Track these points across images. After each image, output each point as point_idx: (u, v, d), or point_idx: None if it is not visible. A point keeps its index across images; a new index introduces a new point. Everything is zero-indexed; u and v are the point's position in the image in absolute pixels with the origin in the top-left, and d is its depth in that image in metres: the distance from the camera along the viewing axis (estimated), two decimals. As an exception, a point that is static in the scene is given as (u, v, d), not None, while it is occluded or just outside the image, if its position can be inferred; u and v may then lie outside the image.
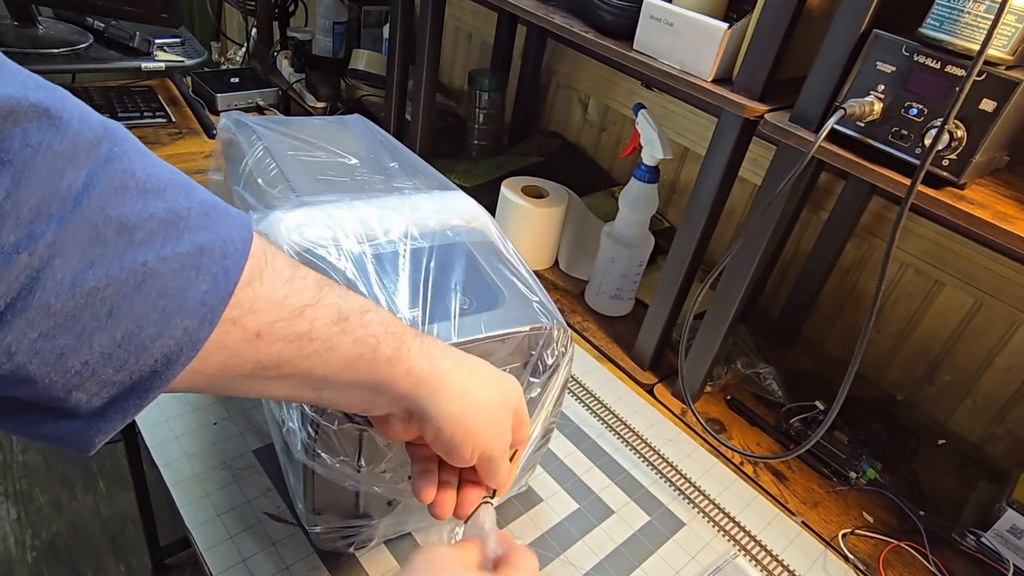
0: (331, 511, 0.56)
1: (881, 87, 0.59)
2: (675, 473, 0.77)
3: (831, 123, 0.60)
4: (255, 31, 1.78)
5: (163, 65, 1.28)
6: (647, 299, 0.94)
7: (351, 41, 1.63)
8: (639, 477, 0.76)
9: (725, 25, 0.69)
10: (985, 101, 0.54)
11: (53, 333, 0.26)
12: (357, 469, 0.51)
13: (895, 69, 0.58)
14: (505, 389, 0.45)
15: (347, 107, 1.49)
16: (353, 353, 0.37)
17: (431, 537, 0.64)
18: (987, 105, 0.54)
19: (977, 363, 0.90)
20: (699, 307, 0.74)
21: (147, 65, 1.27)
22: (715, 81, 0.72)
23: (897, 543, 0.73)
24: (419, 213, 0.59)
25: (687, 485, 0.76)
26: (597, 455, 0.77)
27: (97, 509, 1.52)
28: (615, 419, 0.83)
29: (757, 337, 0.98)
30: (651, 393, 0.89)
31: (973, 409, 0.92)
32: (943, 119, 0.54)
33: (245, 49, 1.81)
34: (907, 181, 0.58)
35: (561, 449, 0.77)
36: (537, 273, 0.65)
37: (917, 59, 0.57)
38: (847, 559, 0.71)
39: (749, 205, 1.10)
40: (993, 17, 0.50)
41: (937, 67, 0.56)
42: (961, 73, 0.54)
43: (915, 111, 0.57)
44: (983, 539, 0.71)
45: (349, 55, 1.56)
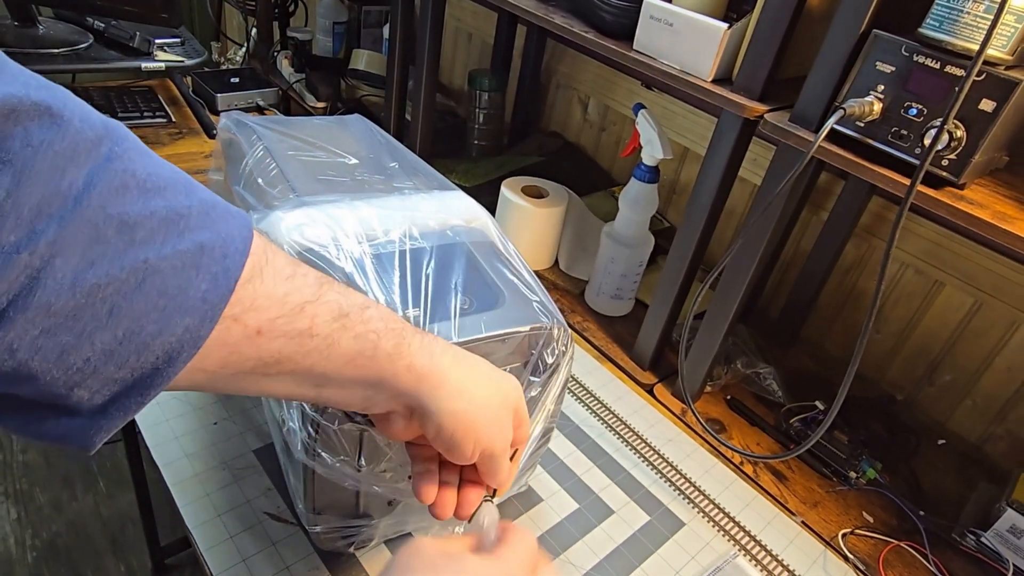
0: (331, 511, 0.56)
1: (881, 87, 0.59)
2: (675, 473, 0.77)
3: (831, 123, 0.60)
4: (255, 31, 1.78)
5: (163, 65, 1.28)
6: (647, 299, 0.94)
7: (351, 41, 1.63)
8: (639, 477, 0.76)
9: (725, 25, 0.69)
10: (984, 101, 0.54)
11: (54, 330, 0.26)
12: (357, 469, 0.51)
13: (895, 69, 0.58)
14: (505, 388, 0.45)
15: (347, 107, 1.49)
16: (354, 349, 0.37)
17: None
18: (986, 105, 0.54)
19: (977, 363, 0.90)
20: (699, 307, 0.74)
21: (147, 65, 1.27)
22: (715, 81, 0.72)
23: (897, 543, 0.74)
24: (419, 213, 0.59)
25: (687, 485, 0.76)
26: (597, 455, 0.77)
27: (97, 509, 1.52)
28: (615, 419, 0.83)
29: (757, 337, 0.98)
30: (651, 393, 0.89)
31: (973, 409, 0.92)
32: (943, 119, 0.54)
33: (245, 49, 1.81)
34: (907, 181, 0.58)
35: (561, 449, 0.77)
36: (537, 273, 0.65)
37: (917, 59, 0.57)
38: (847, 559, 0.71)
39: (749, 205, 1.10)
40: (992, 17, 0.50)
41: (937, 67, 0.56)
42: (961, 73, 0.54)
43: (915, 111, 0.57)
44: (983, 539, 0.71)
45: (349, 55, 1.56)
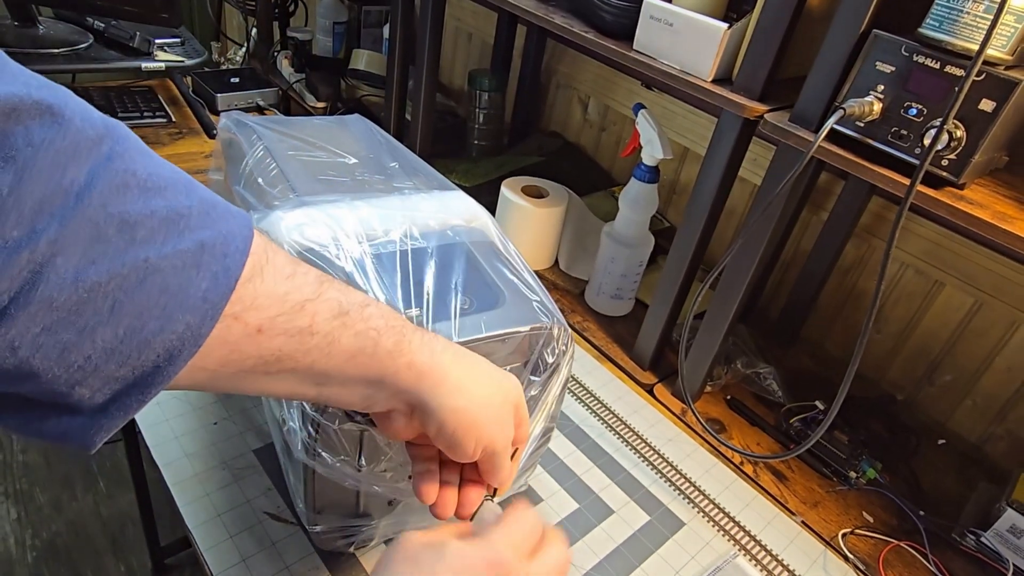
0: (331, 511, 0.56)
1: (881, 87, 0.59)
2: (675, 473, 0.77)
3: (831, 123, 0.60)
4: (255, 31, 1.78)
5: (163, 65, 1.28)
6: (647, 299, 0.94)
7: (351, 41, 1.63)
8: (639, 477, 0.76)
9: (725, 25, 0.69)
10: (984, 101, 0.54)
11: (56, 328, 0.26)
12: (357, 468, 0.51)
13: (895, 69, 0.58)
14: (505, 386, 0.45)
15: (347, 107, 1.49)
16: (354, 346, 0.37)
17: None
18: (986, 105, 0.54)
19: (977, 363, 0.91)
20: (699, 307, 0.74)
21: (147, 65, 1.27)
22: (715, 81, 0.72)
23: (897, 543, 0.74)
24: (419, 213, 0.59)
25: (687, 485, 0.76)
26: (597, 455, 0.77)
27: (97, 509, 1.52)
28: (615, 419, 0.83)
29: (757, 337, 0.98)
30: (651, 393, 0.89)
31: (973, 409, 0.92)
32: (942, 119, 0.54)
33: (245, 49, 1.81)
34: (907, 181, 0.58)
35: (561, 449, 0.77)
36: (537, 273, 0.65)
37: (917, 59, 0.57)
38: (847, 559, 0.71)
39: (749, 205, 1.10)
40: (992, 17, 0.50)
41: (936, 67, 0.56)
42: (960, 73, 0.54)
43: (914, 111, 0.57)
44: (983, 539, 0.71)
45: (349, 55, 1.56)
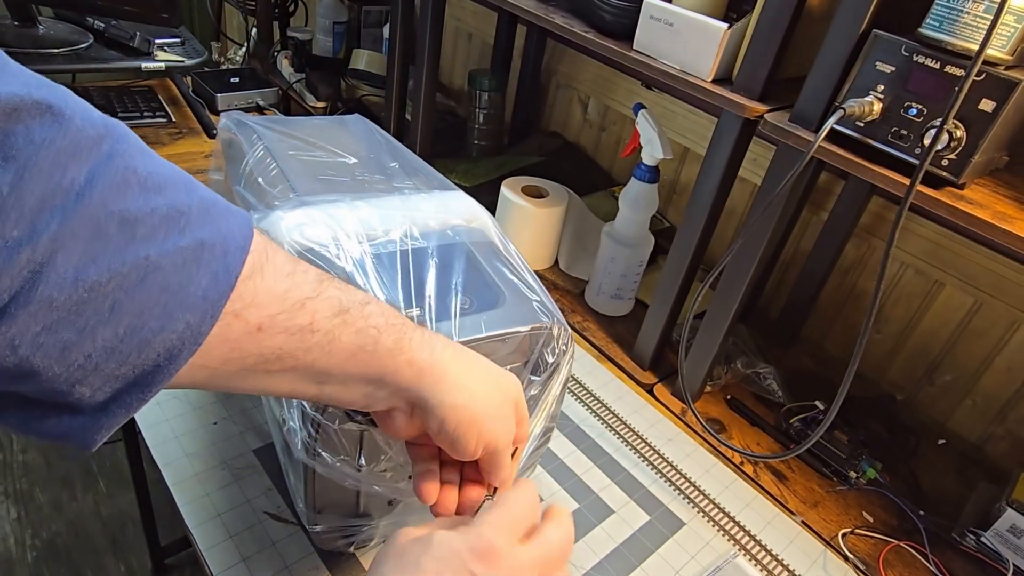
0: (331, 510, 0.56)
1: (881, 87, 0.59)
2: (675, 473, 0.77)
3: (831, 123, 0.60)
4: (255, 31, 1.78)
5: (163, 65, 1.28)
6: (647, 299, 0.94)
7: (351, 41, 1.63)
8: (639, 477, 0.76)
9: (725, 25, 0.69)
10: (984, 101, 0.54)
11: (56, 327, 0.26)
12: (357, 468, 0.51)
13: (895, 69, 0.58)
14: (505, 384, 0.45)
15: (347, 107, 1.49)
16: (355, 344, 0.37)
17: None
18: (986, 105, 0.54)
19: (977, 363, 0.91)
20: (699, 307, 0.74)
21: (147, 65, 1.27)
22: (715, 81, 0.72)
23: (897, 543, 0.74)
24: (419, 213, 0.59)
25: (687, 485, 0.76)
26: (597, 455, 0.77)
27: (97, 509, 1.52)
28: (615, 419, 0.83)
29: (757, 337, 0.98)
30: (651, 393, 0.89)
31: (973, 409, 0.92)
32: (942, 119, 0.54)
33: (245, 49, 1.81)
34: (907, 181, 0.58)
35: (561, 449, 0.77)
36: (537, 273, 0.65)
37: (917, 59, 0.57)
38: (847, 559, 0.71)
39: (749, 205, 1.10)
40: (992, 17, 0.50)
41: (936, 67, 0.56)
42: (960, 73, 0.54)
43: (914, 111, 0.57)
44: (983, 539, 0.72)
45: (349, 55, 1.56)
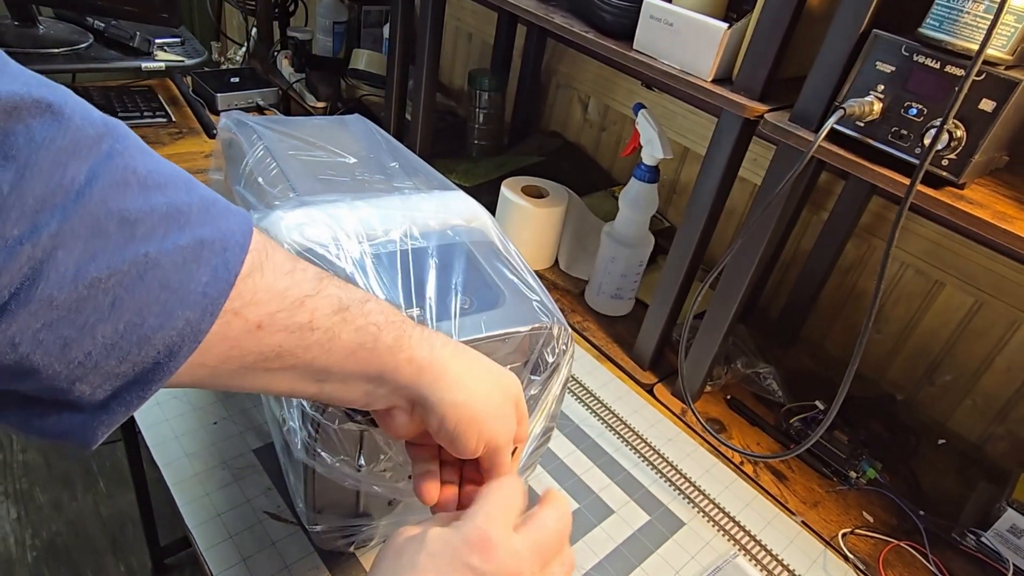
0: (331, 510, 0.56)
1: (881, 87, 0.59)
2: (675, 473, 0.77)
3: (831, 123, 0.60)
4: (255, 31, 1.78)
5: (163, 65, 1.28)
6: (647, 299, 0.94)
7: (351, 41, 1.63)
8: (639, 477, 0.76)
9: (725, 25, 0.69)
10: (984, 101, 0.54)
11: (56, 324, 0.26)
12: (357, 468, 0.51)
13: (895, 69, 0.58)
14: (505, 382, 0.45)
15: (347, 107, 1.49)
16: (354, 342, 0.37)
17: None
18: (986, 105, 0.54)
19: (977, 363, 0.91)
20: (699, 307, 0.74)
21: (147, 65, 1.27)
22: (715, 81, 0.72)
23: (897, 543, 0.74)
24: (419, 213, 0.59)
25: (687, 485, 0.76)
26: (597, 455, 0.77)
27: (97, 509, 1.52)
28: (615, 419, 0.83)
29: (757, 337, 0.98)
30: (651, 393, 0.89)
31: (973, 409, 0.92)
32: (942, 119, 0.54)
33: (245, 49, 1.81)
34: (907, 181, 0.58)
35: (561, 449, 0.77)
36: (537, 273, 0.65)
37: (917, 59, 0.57)
38: (847, 559, 0.71)
39: (749, 205, 1.10)
40: (992, 17, 0.50)
41: (937, 67, 0.56)
42: (960, 73, 0.54)
43: (915, 111, 0.57)
44: (983, 539, 0.71)
45: (349, 55, 1.56)
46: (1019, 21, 0.52)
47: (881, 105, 0.59)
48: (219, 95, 1.38)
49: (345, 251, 0.52)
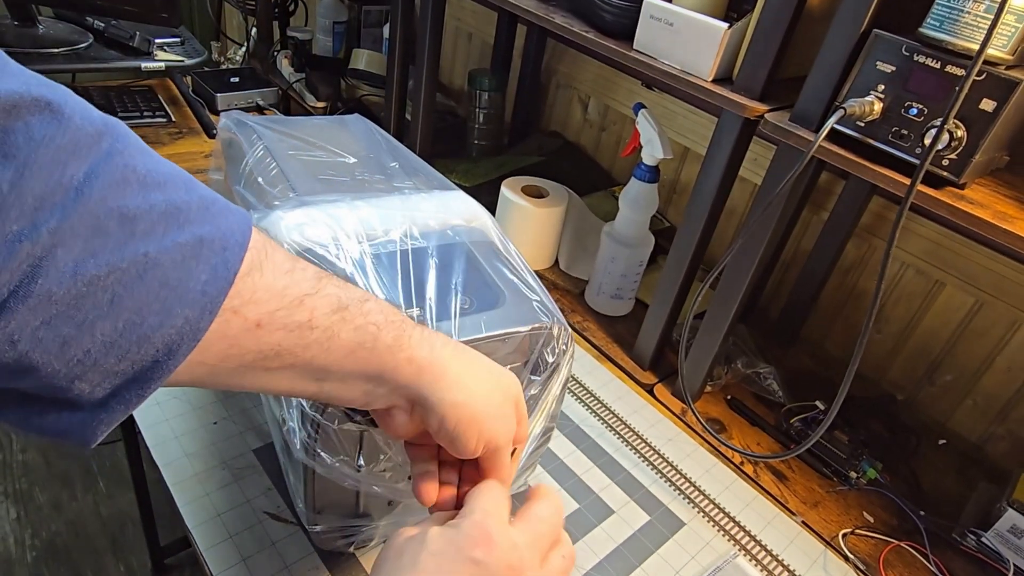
0: (331, 511, 0.56)
1: (881, 87, 0.59)
2: (675, 473, 0.77)
3: (831, 123, 0.60)
4: (255, 31, 1.78)
5: (163, 65, 1.28)
6: (647, 299, 0.94)
7: (351, 41, 1.63)
8: (639, 477, 0.76)
9: (725, 25, 0.69)
10: (985, 101, 0.54)
11: (55, 321, 0.26)
12: (357, 468, 0.51)
13: (895, 69, 0.58)
14: (504, 382, 0.45)
15: (347, 107, 1.49)
16: (354, 341, 0.37)
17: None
18: (987, 105, 0.54)
19: (978, 363, 0.90)
20: (699, 307, 0.74)
21: (147, 65, 1.27)
22: (715, 81, 0.72)
23: (897, 543, 0.74)
24: (419, 213, 0.59)
25: (687, 485, 0.76)
26: (597, 455, 0.77)
27: (97, 509, 1.52)
28: (615, 419, 0.83)
29: (757, 337, 0.98)
30: (651, 393, 0.89)
31: (973, 409, 0.92)
32: (943, 119, 0.54)
33: (245, 49, 1.81)
34: (907, 181, 0.58)
35: (561, 449, 0.77)
36: (537, 273, 0.65)
37: (917, 59, 0.57)
38: (847, 559, 0.71)
39: (749, 205, 1.10)
40: (993, 17, 0.50)
41: (937, 67, 0.56)
42: (961, 73, 0.54)
43: (915, 111, 0.57)
44: (983, 539, 0.71)
45: (349, 55, 1.56)
46: (1019, 21, 0.52)
47: (881, 105, 0.59)
48: (219, 95, 1.38)
49: (345, 251, 0.51)
